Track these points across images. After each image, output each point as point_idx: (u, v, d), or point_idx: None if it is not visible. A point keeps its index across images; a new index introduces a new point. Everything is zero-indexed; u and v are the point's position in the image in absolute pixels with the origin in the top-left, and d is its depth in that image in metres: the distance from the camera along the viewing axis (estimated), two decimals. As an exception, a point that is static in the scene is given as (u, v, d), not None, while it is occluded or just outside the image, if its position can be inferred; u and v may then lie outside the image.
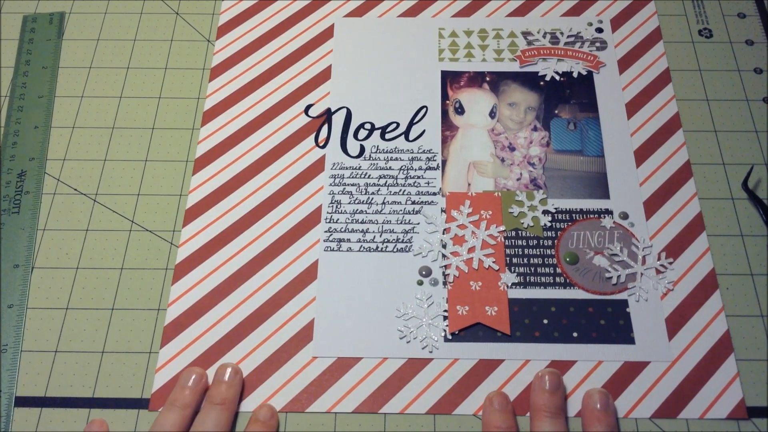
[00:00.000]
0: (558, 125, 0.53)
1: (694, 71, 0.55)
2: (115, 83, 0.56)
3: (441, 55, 0.56)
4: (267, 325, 0.45)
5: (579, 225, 0.48)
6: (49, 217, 0.50)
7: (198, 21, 0.59)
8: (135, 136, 0.53)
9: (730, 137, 0.52)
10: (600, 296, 0.46)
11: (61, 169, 0.52)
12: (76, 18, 0.59)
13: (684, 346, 0.44)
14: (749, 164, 0.51)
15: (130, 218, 0.50)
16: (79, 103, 0.55)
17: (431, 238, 0.48)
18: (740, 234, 0.48)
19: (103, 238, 0.49)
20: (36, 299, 0.47)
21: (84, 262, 0.48)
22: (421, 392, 0.43)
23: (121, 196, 0.51)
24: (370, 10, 0.58)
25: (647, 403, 0.42)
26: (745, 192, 0.49)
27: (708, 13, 0.58)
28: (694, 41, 0.57)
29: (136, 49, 0.57)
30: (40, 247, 0.49)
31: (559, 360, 0.44)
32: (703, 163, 0.51)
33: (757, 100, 0.54)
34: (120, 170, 0.52)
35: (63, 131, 0.53)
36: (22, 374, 0.44)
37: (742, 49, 0.56)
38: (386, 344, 0.45)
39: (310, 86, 0.55)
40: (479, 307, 0.45)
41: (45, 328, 0.46)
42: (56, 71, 0.56)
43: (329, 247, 0.48)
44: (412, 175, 0.51)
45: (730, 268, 0.47)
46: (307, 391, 0.43)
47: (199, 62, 0.56)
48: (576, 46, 0.56)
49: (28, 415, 0.43)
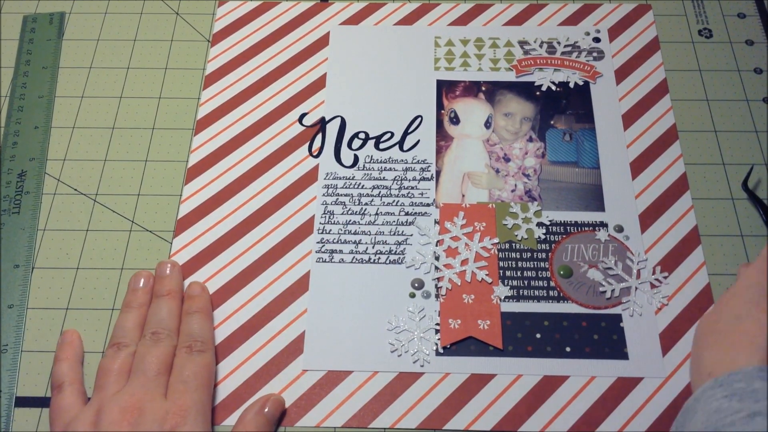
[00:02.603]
0: (553, 136, 0.52)
1: (694, 71, 0.55)
2: (115, 83, 0.56)
3: (437, 64, 0.55)
4: (257, 337, 0.45)
5: (573, 238, 0.48)
6: (49, 217, 0.50)
7: (198, 21, 0.58)
8: (135, 136, 0.53)
9: (730, 137, 0.52)
10: (594, 310, 0.45)
11: (61, 169, 0.52)
12: (76, 18, 0.59)
13: (678, 362, 0.44)
14: (749, 164, 0.50)
15: (130, 218, 0.50)
16: (79, 103, 0.55)
17: (424, 250, 0.48)
18: (740, 234, 0.48)
19: (103, 238, 0.49)
20: (36, 299, 0.47)
21: (84, 262, 0.48)
22: (412, 406, 0.43)
23: (121, 196, 0.51)
24: (366, 18, 0.58)
25: (640, 420, 0.42)
26: (744, 192, 0.49)
27: (708, 13, 0.58)
28: (694, 41, 0.56)
29: (136, 49, 0.57)
30: (40, 247, 0.49)
31: (551, 375, 0.43)
32: (703, 164, 0.51)
33: (757, 100, 0.54)
34: (120, 170, 0.52)
35: (63, 131, 0.53)
36: (22, 374, 0.44)
37: (742, 49, 0.56)
38: (377, 357, 0.44)
39: (305, 95, 0.54)
40: (471, 321, 0.45)
41: (45, 328, 0.46)
42: (56, 71, 0.56)
43: (321, 258, 0.48)
44: (405, 186, 0.50)
45: (730, 269, 0.47)
46: (296, 404, 0.43)
47: (199, 62, 0.56)
48: (573, 56, 0.55)
49: (28, 415, 0.43)
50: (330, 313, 0.46)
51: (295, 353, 0.44)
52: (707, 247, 0.48)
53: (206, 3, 0.59)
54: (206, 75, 0.56)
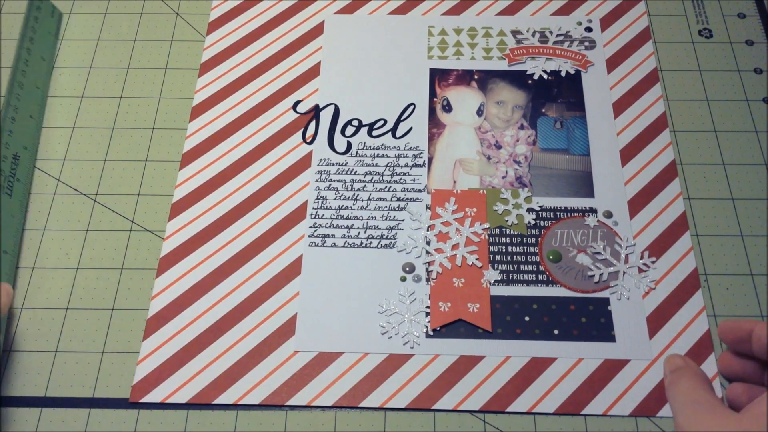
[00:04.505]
0: (545, 124, 0.53)
1: (694, 71, 0.55)
2: (115, 83, 0.56)
3: (430, 53, 0.56)
4: (249, 319, 0.46)
5: (563, 223, 0.49)
6: (49, 217, 0.50)
7: (198, 21, 0.59)
8: (135, 136, 0.53)
9: (730, 137, 0.52)
10: (582, 294, 0.46)
11: (61, 169, 0.52)
12: (76, 18, 0.59)
13: (665, 345, 0.44)
14: (749, 164, 0.51)
15: (130, 218, 0.50)
16: (79, 103, 0.55)
17: (415, 234, 0.48)
18: (740, 234, 0.48)
19: (103, 238, 0.49)
20: (36, 299, 0.47)
21: (84, 262, 0.48)
22: (402, 387, 0.43)
23: (121, 196, 0.51)
24: (360, 7, 0.58)
25: (626, 401, 0.43)
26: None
27: (708, 13, 0.58)
28: (694, 41, 0.57)
29: (136, 49, 0.57)
30: (40, 247, 0.49)
31: (539, 357, 0.44)
32: (703, 164, 0.51)
33: (757, 100, 0.54)
34: (120, 170, 0.52)
35: (63, 131, 0.54)
36: (22, 374, 0.44)
37: (742, 49, 0.56)
38: (368, 339, 0.45)
39: (299, 83, 0.55)
40: (461, 304, 0.46)
41: (45, 328, 0.46)
42: (52, 65, 0.56)
43: (314, 242, 0.48)
44: (398, 172, 0.51)
45: (730, 269, 0.47)
46: (287, 384, 0.43)
47: (199, 62, 0.57)
48: (565, 45, 0.56)
49: (28, 415, 0.43)
50: (322, 296, 0.46)
51: (287, 335, 0.45)
52: (695, 233, 0.48)
53: (206, 3, 0.60)
54: (201, 63, 0.56)
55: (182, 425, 0.43)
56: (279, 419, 0.43)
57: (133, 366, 0.44)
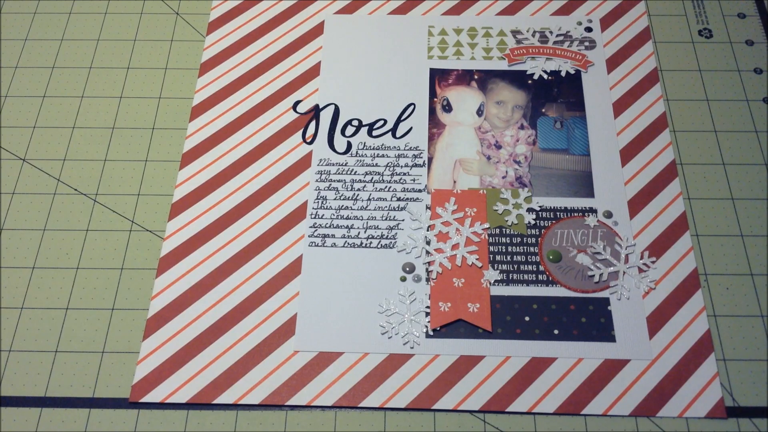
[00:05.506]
0: (545, 124, 0.53)
1: (694, 71, 0.55)
2: (115, 83, 0.56)
3: (430, 53, 0.56)
4: (249, 318, 0.46)
5: (563, 223, 0.49)
6: (49, 217, 0.50)
7: (198, 21, 0.59)
8: (135, 136, 0.53)
9: (730, 137, 0.52)
10: (582, 294, 0.46)
11: (61, 169, 0.52)
12: (76, 18, 0.59)
13: (664, 345, 0.44)
14: (749, 164, 0.51)
15: (130, 218, 0.50)
16: (79, 104, 0.55)
17: (415, 234, 0.48)
18: (740, 234, 0.48)
19: (103, 238, 0.49)
20: (36, 299, 0.47)
21: (84, 262, 0.48)
22: (402, 387, 0.43)
23: (121, 196, 0.51)
24: (360, 7, 0.58)
25: (626, 401, 0.43)
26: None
27: (708, 13, 0.58)
28: (694, 41, 0.57)
29: (136, 49, 0.57)
30: (40, 247, 0.49)
31: (539, 357, 0.44)
32: (703, 163, 0.51)
33: (757, 100, 0.54)
34: (120, 170, 0.52)
35: (63, 131, 0.54)
36: (22, 374, 0.44)
37: (742, 49, 0.56)
38: (368, 339, 0.45)
39: (299, 83, 0.55)
40: (461, 304, 0.46)
41: (45, 328, 0.46)
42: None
43: (314, 242, 0.48)
44: (398, 172, 0.51)
45: (730, 269, 0.47)
46: (288, 384, 0.43)
47: (199, 62, 0.57)
48: (565, 45, 0.56)
49: (28, 415, 0.43)
50: (322, 295, 0.46)
51: (287, 334, 0.45)
52: (695, 233, 0.48)
53: (206, 3, 0.60)
54: (201, 63, 0.56)
55: (182, 425, 0.43)
56: (279, 419, 0.43)
57: (133, 366, 0.44)
